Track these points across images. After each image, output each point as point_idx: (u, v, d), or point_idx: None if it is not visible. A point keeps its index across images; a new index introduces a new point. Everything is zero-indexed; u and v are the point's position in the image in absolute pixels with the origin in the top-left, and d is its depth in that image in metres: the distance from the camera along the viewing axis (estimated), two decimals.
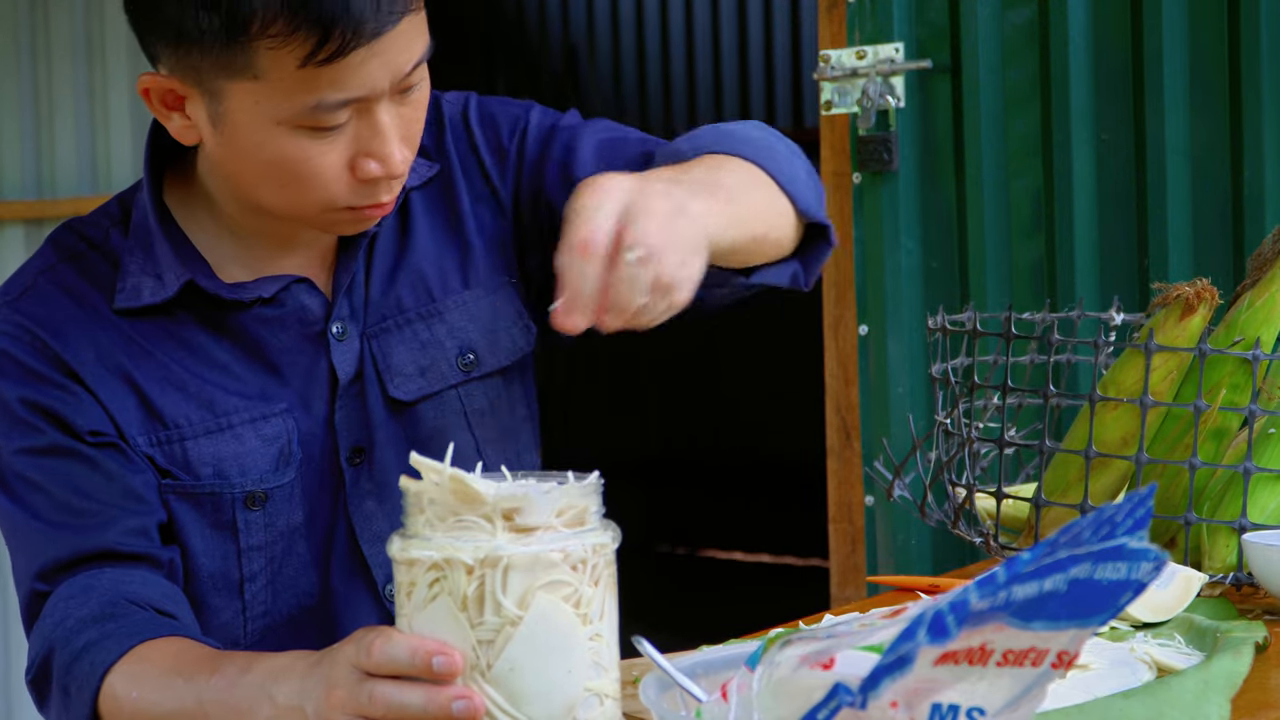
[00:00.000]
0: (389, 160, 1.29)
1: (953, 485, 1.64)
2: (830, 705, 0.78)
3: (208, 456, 1.38)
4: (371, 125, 1.28)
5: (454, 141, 1.50)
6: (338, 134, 1.28)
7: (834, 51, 2.71)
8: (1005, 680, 0.78)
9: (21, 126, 3.85)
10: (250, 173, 1.32)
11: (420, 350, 1.45)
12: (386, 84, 1.27)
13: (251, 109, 1.27)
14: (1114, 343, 1.70)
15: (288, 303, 1.41)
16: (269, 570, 1.41)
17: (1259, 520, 1.48)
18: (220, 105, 1.29)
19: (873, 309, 2.71)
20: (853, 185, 2.72)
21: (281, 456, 1.40)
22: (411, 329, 1.45)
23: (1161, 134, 2.45)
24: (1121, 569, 0.76)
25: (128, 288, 1.39)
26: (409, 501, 1.00)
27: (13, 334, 1.37)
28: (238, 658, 1.18)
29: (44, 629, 1.32)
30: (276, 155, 1.29)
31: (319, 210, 1.33)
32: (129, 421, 1.37)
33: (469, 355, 1.47)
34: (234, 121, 1.29)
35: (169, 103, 1.32)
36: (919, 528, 2.66)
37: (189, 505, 1.39)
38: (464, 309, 1.47)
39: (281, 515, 1.41)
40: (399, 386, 1.44)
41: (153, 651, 1.24)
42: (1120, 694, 1.04)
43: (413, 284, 1.46)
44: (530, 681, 0.96)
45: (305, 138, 1.28)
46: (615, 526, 1.01)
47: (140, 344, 1.39)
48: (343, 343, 1.43)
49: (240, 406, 1.40)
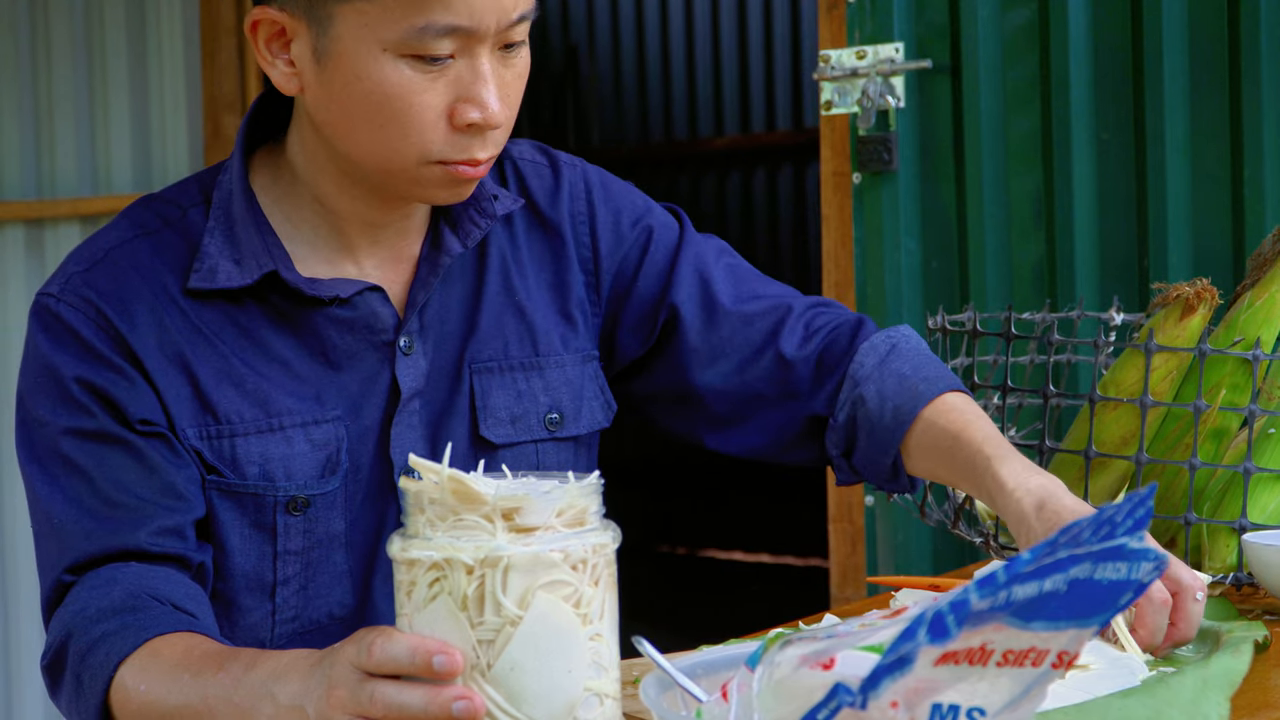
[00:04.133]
0: (488, 107, 1.30)
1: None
2: (830, 705, 0.78)
3: (255, 455, 1.38)
4: (474, 68, 1.30)
5: (570, 203, 1.53)
6: (440, 72, 1.29)
7: (834, 51, 2.71)
8: (1005, 680, 0.78)
9: (21, 126, 3.85)
10: (349, 114, 1.32)
11: (516, 399, 1.47)
12: (492, 24, 1.28)
13: (359, 32, 1.28)
14: (1114, 343, 1.70)
15: (360, 306, 1.40)
16: (303, 576, 1.40)
17: (1259, 520, 1.48)
18: (328, 34, 1.29)
19: (873, 309, 2.71)
20: (853, 185, 2.72)
21: (329, 464, 1.39)
22: (512, 376, 1.47)
23: (1161, 134, 2.45)
24: (1122, 569, 0.76)
25: (204, 269, 1.38)
26: (409, 501, 1.00)
27: (79, 307, 1.36)
28: (243, 655, 1.17)
29: (64, 616, 1.31)
30: (378, 88, 1.29)
31: (414, 161, 1.33)
32: (181, 413, 1.36)
33: (555, 415, 1.49)
34: (339, 51, 1.29)
35: (275, 44, 1.33)
36: (919, 528, 2.66)
37: (231, 503, 1.38)
38: (561, 371, 1.50)
39: (321, 523, 1.40)
40: (491, 429, 1.46)
41: (164, 646, 1.23)
42: (1120, 693, 1.04)
43: (520, 333, 1.48)
44: (530, 681, 0.96)
45: (409, 68, 1.29)
46: (615, 526, 1.01)
47: (204, 332, 1.38)
48: (409, 357, 1.42)
49: (294, 409, 1.39)
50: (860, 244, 2.72)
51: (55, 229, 3.84)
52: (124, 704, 1.23)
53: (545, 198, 1.52)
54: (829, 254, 2.77)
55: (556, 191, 1.53)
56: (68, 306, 1.36)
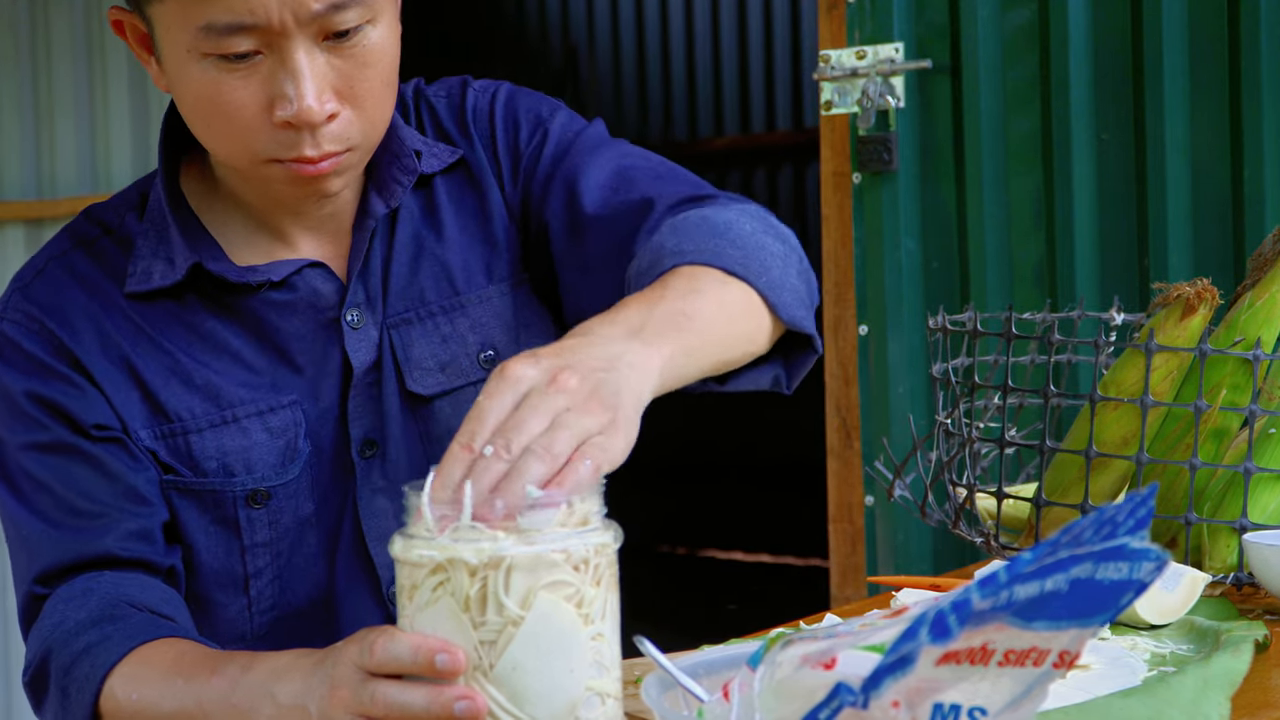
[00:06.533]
0: (298, 101, 1.25)
1: (953, 485, 1.65)
2: (832, 705, 0.78)
3: (212, 450, 1.37)
4: (284, 63, 1.25)
5: (476, 131, 1.48)
6: (250, 69, 1.25)
7: (834, 51, 2.71)
8: (1007, 680, 0.78)
9: (21, 126, 3.85)
10: (187, 112, 1.31)
11: (441, 345, 1.43)
12: (288, 18, 1.23)
13: (169, 35, 1.26)
14: (1114, 343, 1.70)
15: (300, 287, 1.39)
16: (275, 566, 1.40)
17: (1259, 520, 1.48)
18: (155, 36, 1.28)
19: (873, 309, 2.71)
20: (853, 185, 2.72)
21: (287, 452, 1.39)
22: (434, 322, 1.43)
23: (1161, 134, 2.45)
24: (1123, 569, 0.76)
25: (139, 271, 1.39)
26: (410, 503, 1.00)
27: (21, 323, 1.37)
28: (238, 658, 1.18)
29: (42, 631, 1.31)
30: (193, 88, 1.27)
31: (250, 160, 1.30)
32: (133, 415, 1.37)
33: (490, 352, 1.45)
34: (164, 54, 1.28)
35: (143, 42, 1.32)
36: (919, 528, 2.66)
37: (190, 501, 1.38)
38: (487, 304, 1.45)
39: (287, 511, 1.40)
40: (418, 380, 1.42)
41: (153, 653, 1.24)
42: (1120, 693, 1.04)
43: (436, 275, 1.44)
44: (532, 681, 0.96)
45: (214, 68, 1.25)
46: (617, 527, 1.01)
47: (148, 333, 1.38)
48: (358, 331, 1.41)
49: (247, 398, 1.38)
50: (860, 244, 2.72)
51: (55, 229, 3.83)
52: (115, 714, 1.23)
53: (454, 127, 1.48)
54: (829, 254, 2.77)
55: (462, 117, 1.48)
56: (10, 323, 1.37)
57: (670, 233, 1.31)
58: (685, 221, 1.32)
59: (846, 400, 2.76)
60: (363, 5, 1.26)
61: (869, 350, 2.73)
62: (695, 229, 1.30)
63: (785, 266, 1.32)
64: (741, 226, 1.32)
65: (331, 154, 1.29)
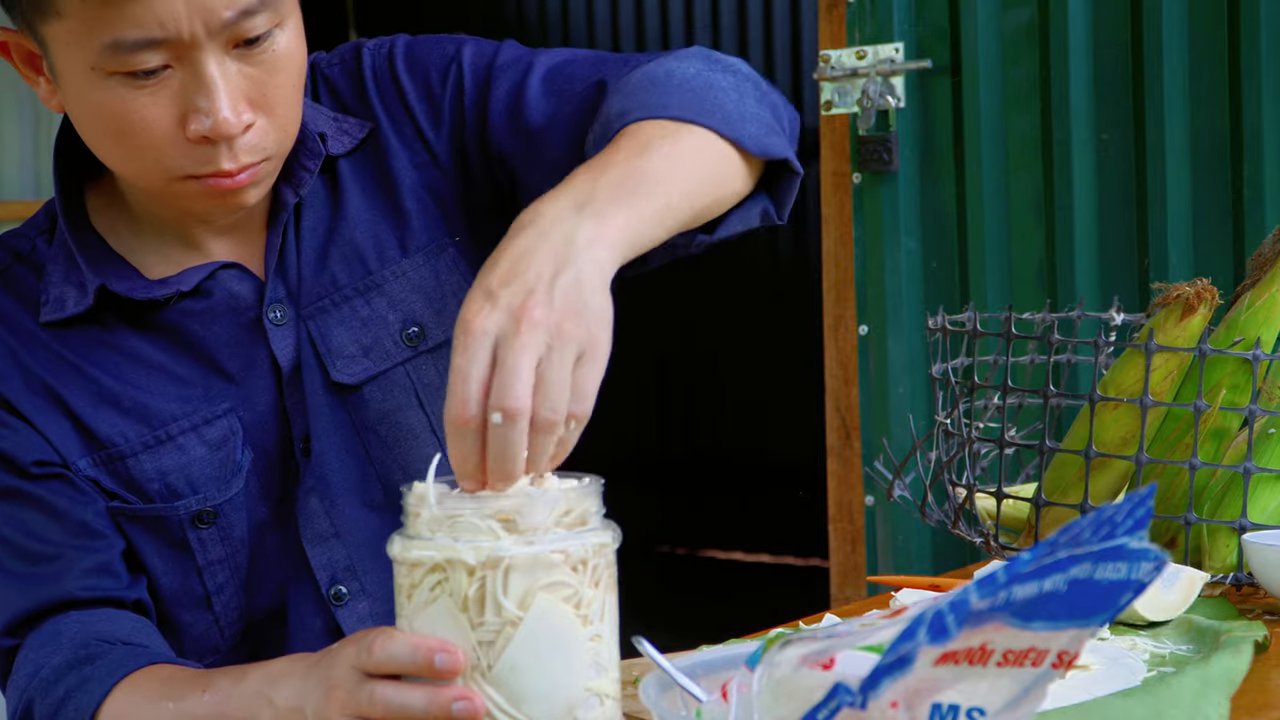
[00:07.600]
0: (214, 115, 1.20)
1: (953, 485, 1.64)
2: (830, 705, 0.78)
3: (151, 472, 1.33)
4: (196, 76, 1.19)
5: (379, 95, 1.41)
6: (159, 85, 1.20)
7: (834, 51, 2.71)
8: (1005, 680, 0.78)
9: (21, 126, 3.85)
10: (91, 134, 1.25)
11: (361, 328, 1.37)
12: (198, 28, 1.18)
13: (67, 55, 1.20)
14: (1114, 343, 1.70)
15: (215, 292, 1.34)
16: (235, 579, 1.37)
17: (1259, 520, 1.48)
18: (49, 56, 1.22)
19: (873, 309, 2.71)
20: (853, 185, 2.72)
21: (227, 465, 1.34)
22: (349, 306, 1.37)
23: (1161, 134, 2.45)
24: (1122, 569, 0.76)
25: (51, 299, 1.34)
26: (409, 502, 1.00)
27: None
28: (230, 671, 1.16)
29: (19, 682, 1.28)
30: (98, 108, 1.21)
31: (162, 179, 1.25)
32: (68, 447, 1.32)
33: (414, 328, 1.38)
34: (61, 71, 1.22)
35: (32, 64, 1.27)
36: (919, 528, 2.66)
37: (139, 527, 1.34)
38: (404, 279, 1.38)
39: (238, 524, 1.35)
40: (341, 370, 1.36)
41: (137, 684, 1.21)
42: (1120, 693, 1.04)
43: (346, 257, 1.37)
44: (531, 682, 0.96)
45: (121, 86, 1.20)
46: (616, 527, 1.01)
47: (70, 360, 1.34)
48: (281, 328, 1.35)
49: (180, 413, 1.34)
50: (860, 244, 2.72)
51: None
52: None
53: (353, 98, 1.41)
54: (829, 254, 2.77)
55: (361, 82, 1.41)
56: None
57: (615, 97, 1.27)
58: (626, 83, 1.28)
59: (846, 400, 2.76)
60: (270, 9, 1.21)
61: (869, 350, 2.73)
62: (636, 87, 1.26)
63: (741, 97, 1.27)
64: (684, 70, 1.27)
65: (249, 165, 1.25)
